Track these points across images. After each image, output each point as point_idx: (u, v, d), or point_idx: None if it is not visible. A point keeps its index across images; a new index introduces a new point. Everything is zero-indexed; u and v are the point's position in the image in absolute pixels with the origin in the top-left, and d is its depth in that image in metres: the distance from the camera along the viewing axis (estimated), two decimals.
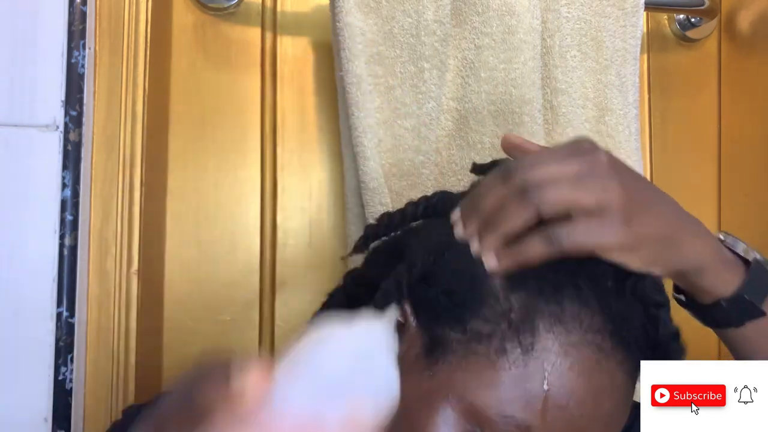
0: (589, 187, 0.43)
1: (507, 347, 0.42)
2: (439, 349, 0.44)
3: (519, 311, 0.42)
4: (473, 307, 0.43)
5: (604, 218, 0.42)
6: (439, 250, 0.46)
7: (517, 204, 0.43)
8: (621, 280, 0.44)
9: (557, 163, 0.44)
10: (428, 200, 0.53)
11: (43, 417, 0.62)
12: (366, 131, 0.68)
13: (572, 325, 0.42)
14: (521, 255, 0.43)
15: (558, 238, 0.42)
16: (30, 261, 0.62)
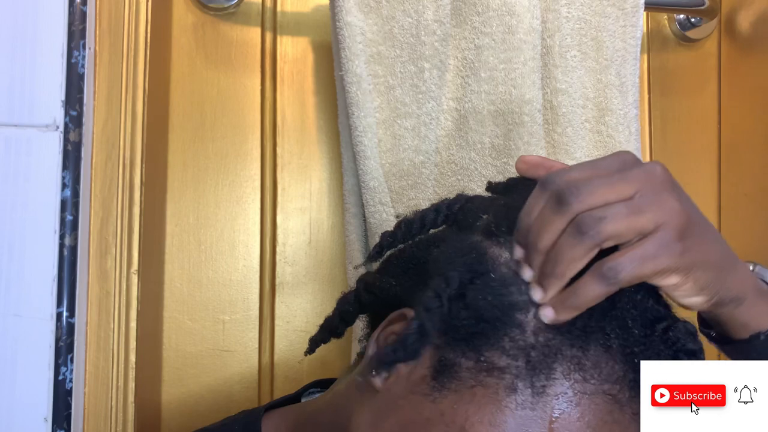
0: (647, 207, 0.40)
1: (518, 386, 0.40)
2: (447, 375, 0.42)
3: (540, 350, 0.40)
4: (496, 336, 0.41)
5: (661, 238, 0.40)
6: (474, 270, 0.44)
7: (577, 243, 0.40)
8: (651, 324, 0.42)
9: (611, 186, 0.40)
10: (449, 207, 0.51)
11: (43, 417, 0.62)
12: (366, 130, 0.68)
13: (591, 374, 0.40)
14: (578, 301, 0.40)
15: (615, 273, 0.39)
16: (30, 261, 0.62)
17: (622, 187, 0.40)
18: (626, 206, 0.40)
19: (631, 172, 0.41)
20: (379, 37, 0.69)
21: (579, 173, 0.42)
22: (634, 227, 0.39)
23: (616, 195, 0.40)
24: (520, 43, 0.69)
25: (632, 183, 0.40)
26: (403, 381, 0.44)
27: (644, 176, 0.41)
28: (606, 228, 0.39)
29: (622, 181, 0.40)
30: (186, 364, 0.80)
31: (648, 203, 0.40)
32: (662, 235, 0.40)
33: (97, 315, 0.67)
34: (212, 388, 0.80)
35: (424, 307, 0.43)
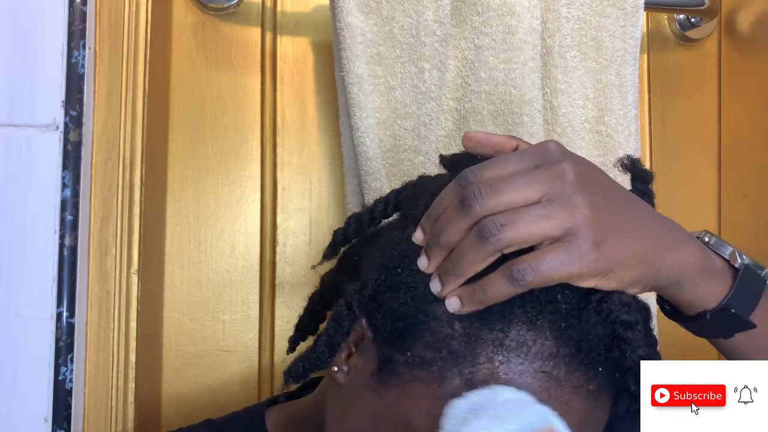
0: (553, 213, 0.39)
1: (447, 376, 0.40)
2: (387, 371, 0.43)
3: (461, 338, 0.41)
4: (417, 331, 0.42)
5: (572, 245, 0.39)
6: (391, 266, 0.44)
7: (478, 248, 0.40)
8: (583, 298, 0.41)
9: (519, 189, 0.40)
10: (397, 195, 0.50)
11: (43, 417, 0.62)
12: (368, 131, 0.68)
13: (516, 353, 0.40)
14: (485, 297, 0.40)
15: (524, 276, 0.39)
16: (30, 261, 0.62)
17: (528, 190, 0.40)
18: (530, 212, 0.39)
19: (542, 172, 0.41)
20: (379, 37, 0.69)
21: (492, 171, 0.41)
22: (537, 234, 0.39)
23: (522, 198, 0.40)
24: (520, 44, 0.69)
25: (540, 186, 0.40)
26: (359, 376, 0.45)
27: (553, 177, 0.40)
28: (506, 236, 0.39)
29: (529, 184, 0.40)
30: (186, 364, 0.80)
31: (555, 209, 0.39)
32: (572, 241, 0.39)
33: (97, 315, 0.67)
34: (212, 388, 0.80)
35: (333, 318, 0.44)
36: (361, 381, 0.44)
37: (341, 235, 0.52)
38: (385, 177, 0.69)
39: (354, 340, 0.46)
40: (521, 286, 0.39)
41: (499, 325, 0.41)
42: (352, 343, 0.46)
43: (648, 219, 0.44)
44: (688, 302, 0.45)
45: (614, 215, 0.41)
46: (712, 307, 0.45)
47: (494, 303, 0.40)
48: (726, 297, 0.44)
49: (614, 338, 0.41)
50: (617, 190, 0.44)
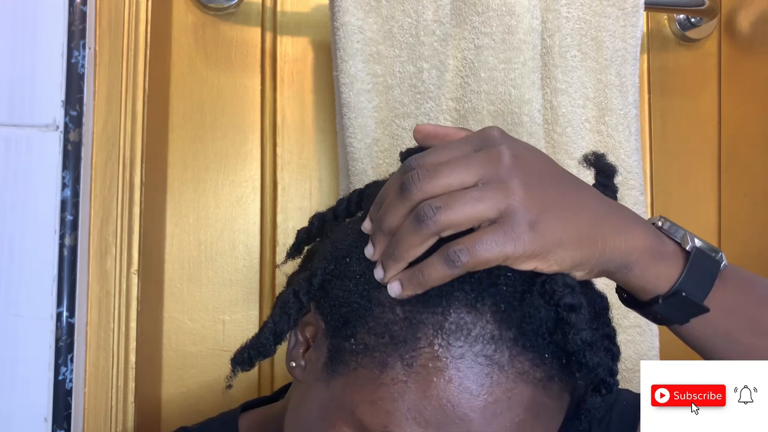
0: (488, 195, 0.40)
1: (388, 361, 0.40)
2: (335, 361, 0.43)
3: (402, 323, 0.41)
4: (361, 317, 0.42)
5: (506, 226, 0.39)
6: (340, 256, 0.45)
7: (416, 231, 0.40)
8: (526, 281, 0.41)
9: (455, 172, 0.40)
10: (360, 194, 0.51)
11: (43, 417, 0.62)
12: (356, 132, 0.68)
13: (456, 337, 0.40)
14: (424, 279, 0.40)
15: (459, 257, 0.39)
16: (30, 261, 0.62)
17: (464, 173, 0.40)
18: (465, 195, 0.40)
19: (478, 156, 0.41)
20: (379, 36, 0.69)
21: (432, 157, 0.42)
22: (472, 216, 0.40)
23: (458, 182, 0.40)
24: (520, 43, 0.69)
25: (476, 169, 0.40)
26: (313, 370, 0.45)
27: (489, 161, 0.41)
28: (441, 218, 0.39)
29: (465, 167, 0.41)
30: (186, 364, 0.80)
31: (490, 191, 0.40)
32: (507, 222, 0.39)
33: (97, 315, 0.67)
34: (212, 388, 0.80)
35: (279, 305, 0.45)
36: (314, 374, 0.45)
37: (304, 234, 0.52)
38: (373, 177, 0.69)
39: (311, 334, 0.47)
40: (458, 267, 0.39)
41: (440, 309, 0.41)
42: (310, 338, 0.47)
43: (590, 201, 0.43)
44: (640, 287, 0.44)
45: (551, 196, 0.41)
46: (663, 291, 0.43)
47: (433, 286, 0.41)
48: (677, 281, 0.43)
49: (557, 321, 0.41)
50: (557, 172, 0.44)
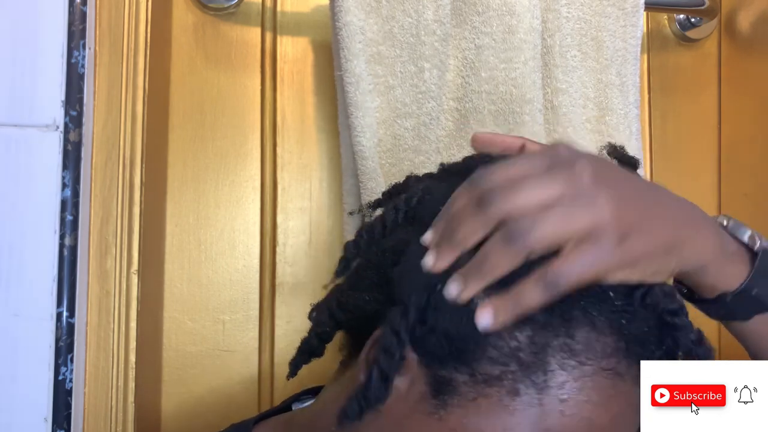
0: (577, 212, 0.39)
1: (519, 388, 0.40)
2: (447, 392, 0.41)
3: (528, 348, 0.40)
4: (477, 348, 0.40)
5: (599, 243, 0.39)
6: (431, 284, 0.42)
7: (505, 250, 0.39)
8: (628, 293, 0.41)
9: (537, 188, 0.39)
10: (408, 202, 0.48)
11: (43, 417, 0.62)
12: (365, 131, 0.68)
13: (586, 356, 0.40)
14: (518, 307, 0.39)
15: (556, 281, 0.38)
16: (30, 261, 0.62)
17: (548, 189, 0.39)
18: (555, 213, 0.39)
19: (558, 172, 0.40)
20: (379, 36, 0.69)
21: (506, 172, 0.41)
22: (563, 235, 0.39)
23: (541, 199, 0.39)
24: (521, 43, 0.69)
25: (559, 185, 0.39)
26: (402, 400, 0.43)
27: (571, 177, 0.40)
28: (533, 237, 0.38)
29: (548, 183, 0.39)
30: (186, 365, 0.79)
31: (577, 205, 0.39)
32: (599, 238, 0.39)
33: (97, 315, 0.67)
34: (212, 388, 0.80)
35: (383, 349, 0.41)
36: (406, 405, 0.42)
37: (353, 249, 0.49)
38: (383, 177, 0.69)
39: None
40: (555, 292, 0.39)
41: (563, 329, 0.40)
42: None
43: (670, 207, 0.44)
44: (710, 285, 0.46)
45: (636, 207, 0.41)
46: (732, 289, 0.46)
47: (528, 312, 0.39)
48: (746, 279, 0.45)
49: (664, 327, 0.42)
50: (636, 180, 0.44)
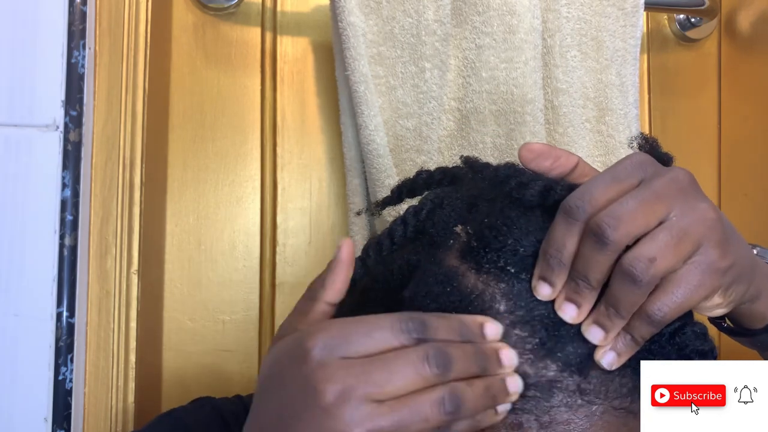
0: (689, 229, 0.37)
1: (522, 422, 0.38)
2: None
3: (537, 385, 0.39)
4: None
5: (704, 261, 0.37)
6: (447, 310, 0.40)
7: (634, 288, 0.37)
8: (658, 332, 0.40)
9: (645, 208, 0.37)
10: (416, 215, 0.45)
11: (43, 417, 0.62)
12: (378, 128, 0.68)
13: (596, 396, 0.39)
14: (633, 344, 0.38)
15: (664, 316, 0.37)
16: (30, 261, 0.62)
17: (657, 207, 0.37)
18: (670, 234, 0.37)
19: (658, 184, 0.38)
20: (380, 37, 0.69)
21: (603, 193, 0.38)
22: (682, 257, 0.37)
23: (655, 217, 0.37)
24: (521, 43, 0.69)
25: (665, 199, 0.37)
26: None
27: (674, 187, 0.38)
28: (659, 269, 0.36)
29: (655, 201, 0.37)
30: (186, 364, 0.80)
31: (688, 222, 0.37)
32: (705, 255, 0.37)
33: (97, 315, 0.67)
34: (212, 388, 0.80)
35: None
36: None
37: (360, 268, 0.46)
38: (397, 175, 0.69)
39: None
40: (661, 324, 0.38)
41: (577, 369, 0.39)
42: None
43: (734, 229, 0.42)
44: (760, 314, 0.44)
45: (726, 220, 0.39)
46: None
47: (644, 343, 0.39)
48: None
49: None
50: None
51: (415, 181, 0.50)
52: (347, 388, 0.34)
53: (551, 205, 0.42)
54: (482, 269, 0.41)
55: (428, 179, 0.50)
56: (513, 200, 0.43)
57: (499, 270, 0.41)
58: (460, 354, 0.36)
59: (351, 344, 0.35)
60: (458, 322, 0.38)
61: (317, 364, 0.35)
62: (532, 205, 0.42)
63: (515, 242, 0.41)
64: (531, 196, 0.42)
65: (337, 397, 0.34)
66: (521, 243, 0.41)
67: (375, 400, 0.34)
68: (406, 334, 0.36)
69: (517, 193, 0.42)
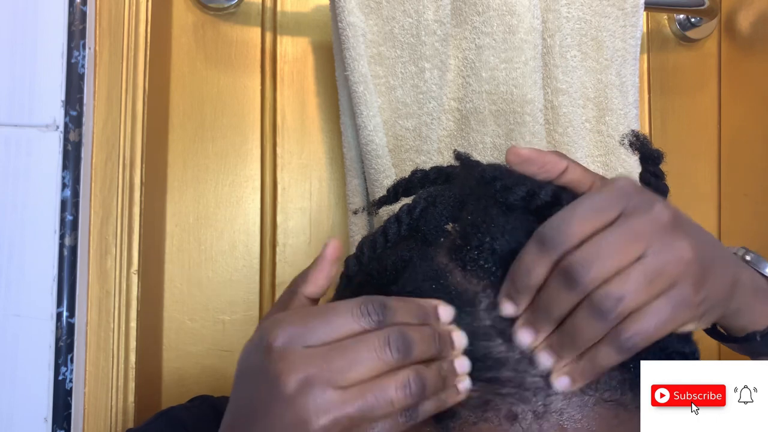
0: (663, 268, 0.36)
1: (518, 413, 0.39)
2: (447, 416, 0.40)
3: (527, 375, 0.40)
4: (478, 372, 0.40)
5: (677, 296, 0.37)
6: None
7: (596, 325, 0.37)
8: None
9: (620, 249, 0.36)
10: (410, 213, 0.46)
11: (43, 417, 0.62)
12: (377, 129, 0.68)
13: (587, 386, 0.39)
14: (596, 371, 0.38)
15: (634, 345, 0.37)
16: (30, 261, 0.62)
17: (632, 246, 0.37)
18: (643, 274, 0.36)
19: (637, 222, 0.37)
20: (380, 37, 0.69)
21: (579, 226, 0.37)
22: (652, 295, 0.37)
23: (628, 258, 0.37)
24: (521, 43, 0.69)
25: (642, 238, 0.37)
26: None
27: (652, 225, 0.37)
28: (627, 307, 0.36)
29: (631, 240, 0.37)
30: (186, 364, 0.80)
31: (663, 261, 0.37)
32: (679, 290, 0.37)
33: (97, 315, 0.67)
34: (212, 388, 0.80)
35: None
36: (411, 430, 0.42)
37: (354, 266, 0.47)
38: (396, 175, 0.69)
39: None
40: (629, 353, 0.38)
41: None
42: None
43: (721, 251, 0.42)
44: (740, 326, 0.45)
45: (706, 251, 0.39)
46: (762, 328, 0.45)
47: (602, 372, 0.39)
48: None
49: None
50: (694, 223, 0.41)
51: (410, 180, 0.51)
52: (309, 377, 0.34)
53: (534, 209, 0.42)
54: (466, 267, 0.42)
55: (423, 178, 0.51)
56: (497, 201, 0.43)
57: (480, 268, 0.41)
58: (419, 337, 0.37)
59: (312, 332, 0.36)
60: (415, 305, 0.39)
61: (279, 355, 0.35)
62: (515, 208, 0.43)
63: (492, 241, 0.41)
64: (514, 200, 0.43)
65: (299, 387, 0.34)
66: (498, 242, 0.41)
67: (339, 387, 0.34)
68: (366, 317, 0.36)
69: (501, 196, 0.43)
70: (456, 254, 0.42)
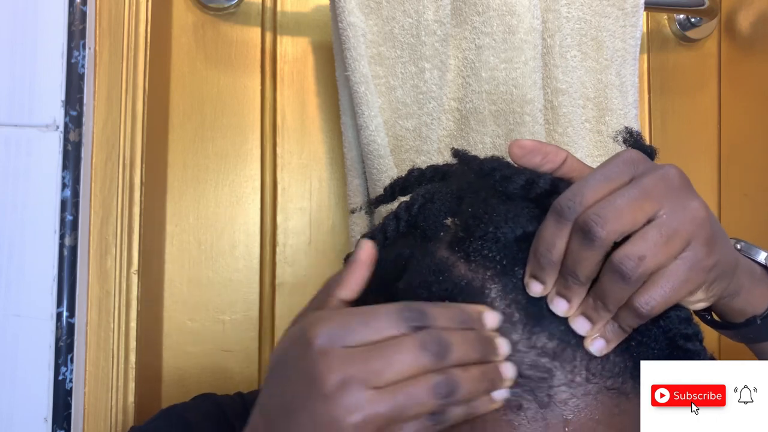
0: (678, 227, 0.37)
1: (522, 403, 0.39)
2: None
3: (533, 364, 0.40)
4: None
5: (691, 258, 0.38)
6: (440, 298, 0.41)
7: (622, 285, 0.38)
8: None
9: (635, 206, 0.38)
10: (408, 210, 0.46)
11: (43, 417, 0.62)
12: (378, 129, 0.68)
13: (590, 374, 0.40)
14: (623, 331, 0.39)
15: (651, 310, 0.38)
16: (30, 261, 0.62)
17: (646, 204, 0.38)
18: (659, 233, 0.37)
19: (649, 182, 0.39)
20: (380, 38, 0.69)
21: (593, 192, 0.39)
22: (671, 255, 0.38)
23: (643, 215, 0.38)
24: (521, 43, 0.69)
25: (655, 197, 0.38)
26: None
27: (664, 185, 0.39)
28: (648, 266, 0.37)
29: (645, 198, 0.38)
30: (186, 364, 0.80)
31: (678, 220, 0.38)
32: (693, 252, 0.38)
33: (97, 315, 0.67)
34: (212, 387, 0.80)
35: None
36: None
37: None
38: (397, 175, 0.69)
39: None
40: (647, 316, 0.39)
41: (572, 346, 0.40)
42: None
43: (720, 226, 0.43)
44: (739, 309, 0.45)
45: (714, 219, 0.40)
46: (761, 312, 0.46)
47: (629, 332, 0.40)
48: None
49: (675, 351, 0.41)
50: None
51: (407, 179, 0.52)
52: (347, 377, 0.35)
53: (534, 198, 0.43)
54: (470, 258, 0.42)
55: (420, 177, 0.51)
56: (497, 192, 0.44)
57: (484, 258, 0.42)
58: (459, 340, 0.37)
59: (352, 333, 0.37)
60: (458, 310, 0.39)
61: (319, 354, 0.36)
62: (515, 197, 0.44)
63: (496, 230, 0.42)
64: (514, 189, 0.43)
65: (337, 386, 0.35)
66: (501, 230, 0.42)
67: (374, 387, 0.35)
68: (404, 323, 0.37)
69: (501, 186, 0.44)
70: (458, 247, 0.43)
